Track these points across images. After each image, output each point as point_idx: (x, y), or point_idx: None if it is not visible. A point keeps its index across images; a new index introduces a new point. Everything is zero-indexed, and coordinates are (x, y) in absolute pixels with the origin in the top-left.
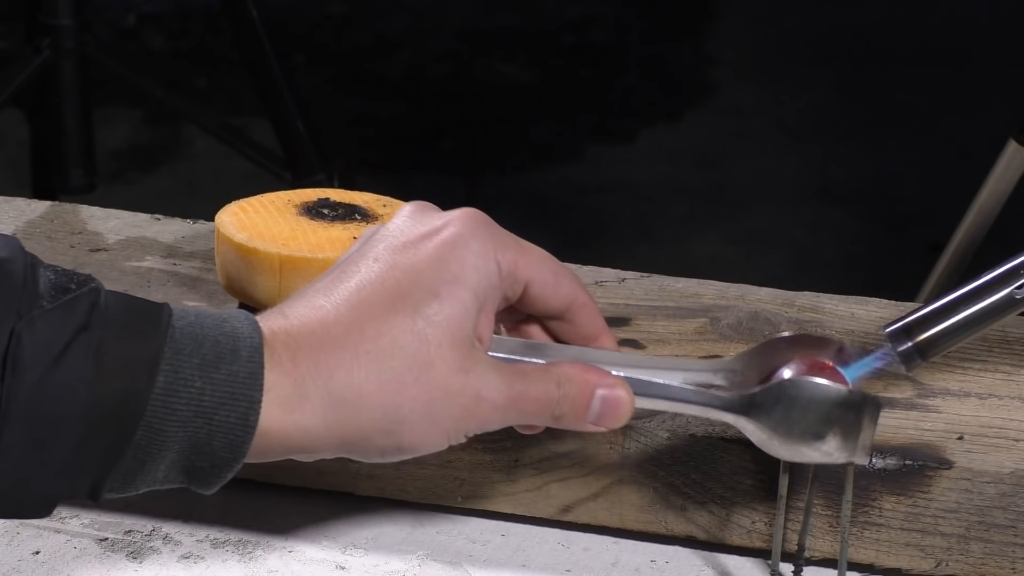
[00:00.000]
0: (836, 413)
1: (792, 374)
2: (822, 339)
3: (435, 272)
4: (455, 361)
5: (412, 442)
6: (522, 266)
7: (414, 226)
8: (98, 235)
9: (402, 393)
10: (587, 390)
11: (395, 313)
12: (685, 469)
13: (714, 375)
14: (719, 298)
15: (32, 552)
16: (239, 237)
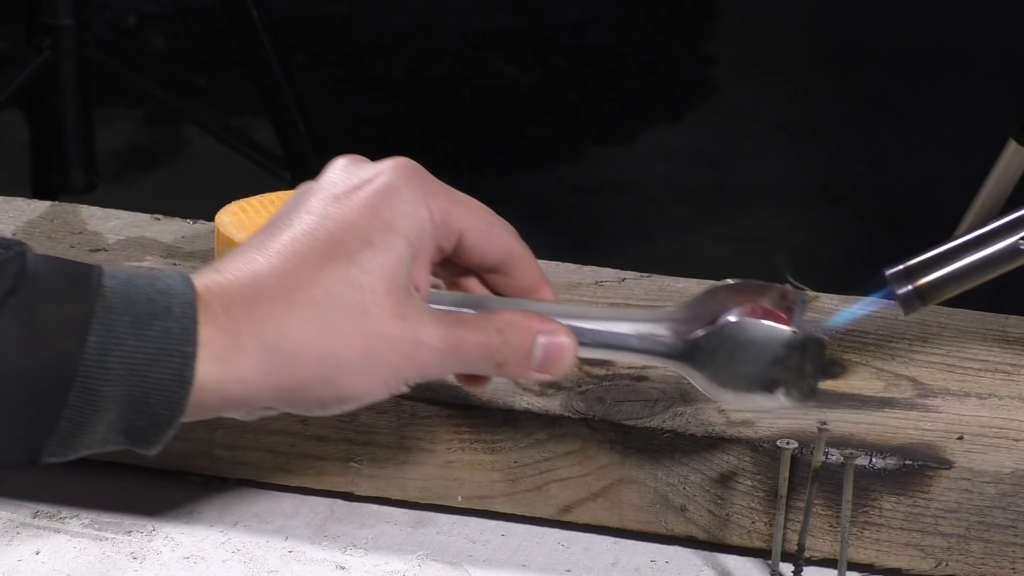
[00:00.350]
0: (780, 354)
1: (735, 318)
2: (764, 285)
3: (368, 221)
4: (391, 307)
5: (351, 391)
6: (455, 214)
7: (346, 178)
8: (98, 235)
9: (339, 341)
10: (528, 336)
11: (329, 262)
12: (685, 469)
13: (657, 324)
14: None
15: (33, 552)
16: (239, 237)
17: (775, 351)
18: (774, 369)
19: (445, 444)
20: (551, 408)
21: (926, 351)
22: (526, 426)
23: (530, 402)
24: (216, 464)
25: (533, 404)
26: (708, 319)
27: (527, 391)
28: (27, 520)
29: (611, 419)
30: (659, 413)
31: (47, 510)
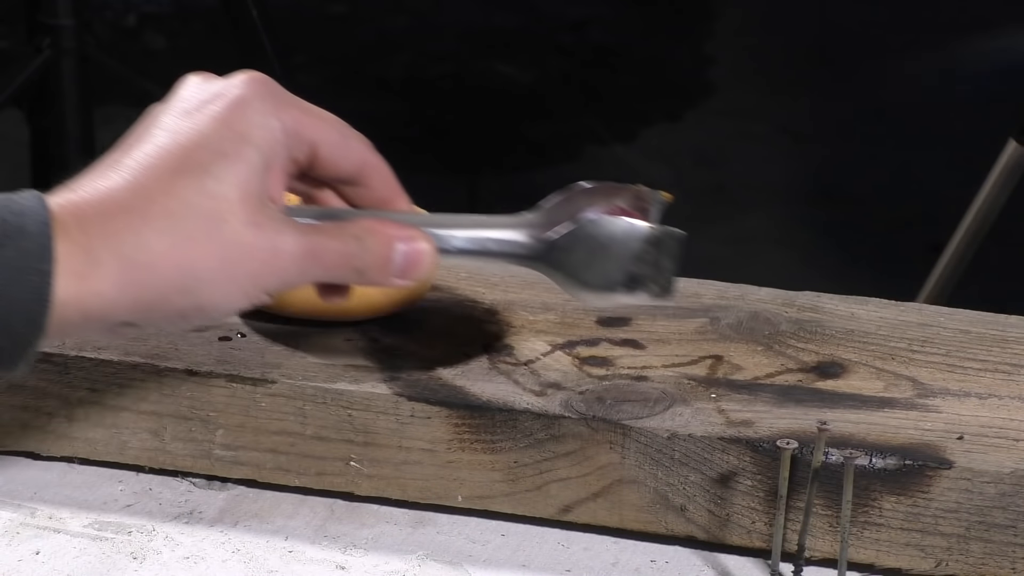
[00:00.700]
0: (637, 250)
1: (593, 216)
2: (620, 186)
3: (220, 133)
4: (247, 216)
5: (211, 301)
6: (307, 125)
7: (197, 93)
8: None
9: (196, 251)
10: (387, 242)
11: (183, 175)
12: (685, 469)
13: (517, 229)
14: (719, 298)
15: (33, 552)
16: None
17: (632, 247)
18: (632, 265)
19: (445, 444)
20: (551, 408)
21: (926, 351)
22: (526, 426)
23: (530, 402)
24: (216, 464)
25: (533, 404)
26: (566, 220)
27: (527, 391)
28: (27, 520)
29: (611, 419)
30: (659, 413)
31: (47, 510)
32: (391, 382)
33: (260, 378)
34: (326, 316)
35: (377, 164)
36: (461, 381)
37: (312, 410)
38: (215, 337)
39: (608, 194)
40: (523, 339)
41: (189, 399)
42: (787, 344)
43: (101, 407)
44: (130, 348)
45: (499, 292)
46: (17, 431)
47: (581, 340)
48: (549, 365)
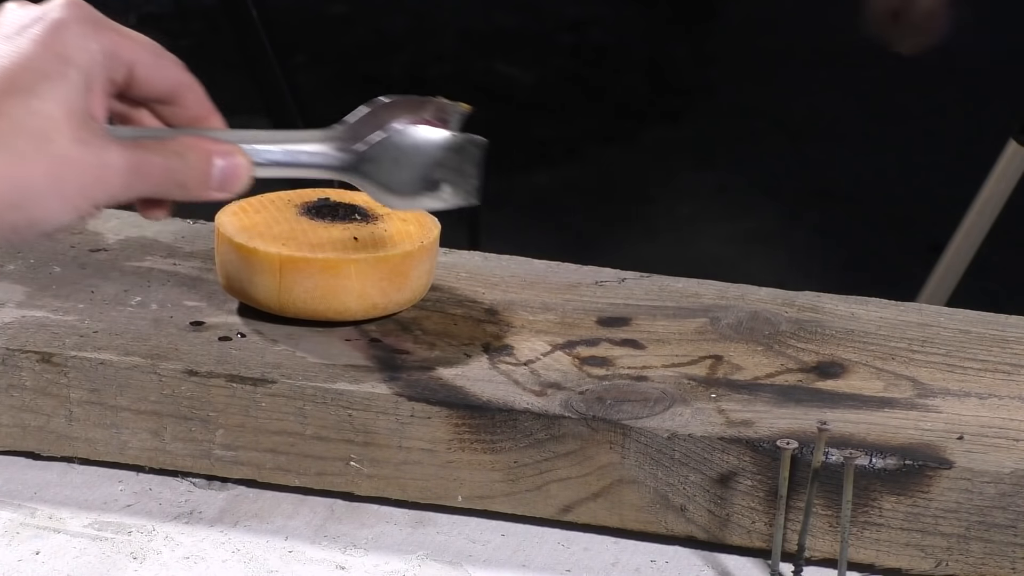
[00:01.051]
0: (441, 156)
1: (399, 126)
2: (422, 100)
3: (41, 55)
4: (73, 133)
5: (42, 215)
6: (124, 47)
7: (16, 19)
8: (98, 235)
9: (24, 167)
10: (206, 157)
11: (9, 96)
12: (685, 470)
13: (326, 143)
14: (719, 298)
15: (32, 552)
16: (239, 237)
17: (435, 154)
18: (436, 171)
19: (445, 444)
20: (551, 408)
21: (926, 351)
22: (526, 426)
23: (530, 402)
24: (216, 464)
25: (533, 404)
26: (372, 132)
27: (527, 391)
28: (27, 520)
29: (611, 419)
30: (659, 413)
31: (47, 510)
32: (391, 382)
33: (260, 378)
34: (326, 316)
35: (191, 83)
36: (461, 381)
37: (312, 410)
38: (215, 337)
39: (411, 107)
40: (523, 339)
41: (189, 399)
42: (787, 344)
43: (101, 407)
44: (130, 348)
45: (499, 292)
46: (17, 431)
47: (581, 340)
48: (549, 365)
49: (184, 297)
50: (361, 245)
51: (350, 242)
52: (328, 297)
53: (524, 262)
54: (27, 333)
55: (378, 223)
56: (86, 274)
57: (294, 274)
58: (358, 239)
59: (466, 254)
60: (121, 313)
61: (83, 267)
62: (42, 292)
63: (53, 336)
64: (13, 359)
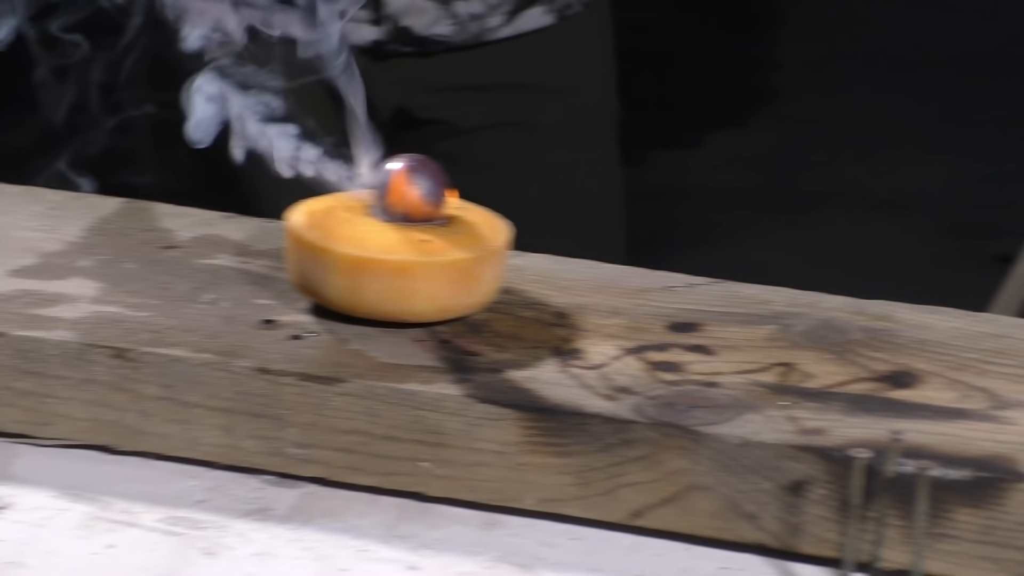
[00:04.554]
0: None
1: None
2: None
3: None
4: None
5: None
6: None
7: None
8: (170, 232)
9: None
10: None
11: None
12: (756, 477)
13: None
14: (790, 305)
15: (106, 546)
16: (310, 236)
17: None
18: None
19: (516, 447)
20: (621, 413)
21: (1001, 362)
22: (596, 430)
23: (600, 406)
24: (288, 462)
25: (604, 409)
26: None
27: (597, 395)
28: (102, 514)
29: (681, 424)
30: (730, 419)
31: (121, 504)
32: (461, 383)
33: (331, 377)
34: (396, 318)
35: None
36: (531, 384)
37: (383, 410)
38: (286, 336)
39: None
40: (593, 343)
41: (260, 397)
42: (858, 353)
43: (173, 403)
44: (202, 345)
45: (569, 295)
46: (91, 426)
47: (651, 345)
48: (619, 369)
49: (255, 295)
50: (432, 248)
51: (421, 244)
52: (398, 299)
53: (593, 266)
54: (101, 328)
55: (449, 226)
56: (159, 271)
57: (365, 275)
58: (429, 242)
59: (535, 257)
60: (193, 310)
61: (156, 264)
62: (116, 288)
63: (126, 332)
64: (87, 354)
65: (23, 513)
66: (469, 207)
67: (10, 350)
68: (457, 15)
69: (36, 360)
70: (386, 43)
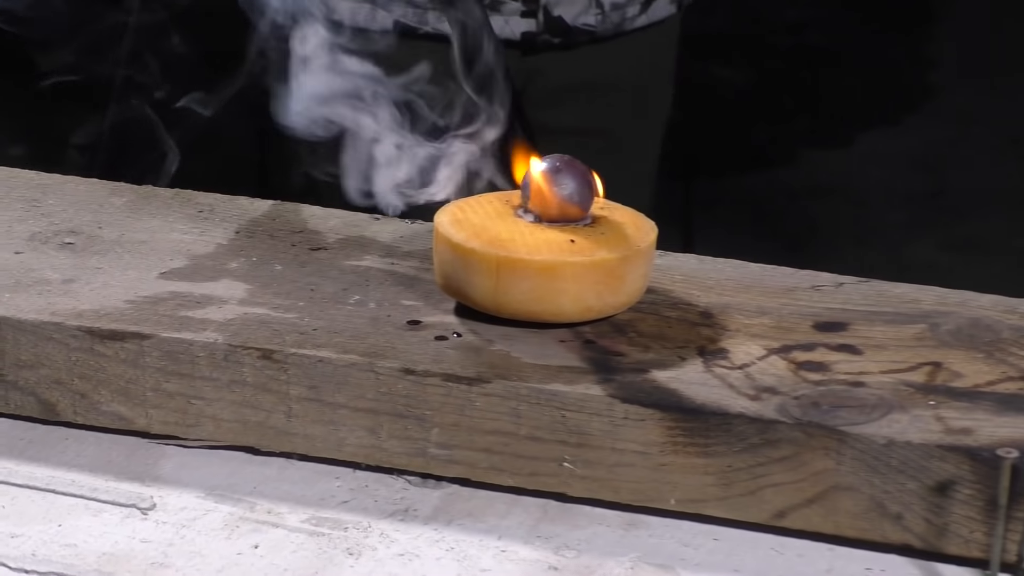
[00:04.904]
0: None
1: None
2: None
3: None
4: None
5: None
6: None
7: None
8: (318, 234)
9: None
10: None
11: None
12: (902, 477)
13: None
14: (939, 304)
15: (251, 545)
16: (457, 237)
17: None
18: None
19: (658, 447)
20: (765, 413)
21: None
22: (740, 430)
23: (744, 406)
24: (431, 463)
25: (748, 408)
26: None
27: (741, 395)
28: (247, 514)
29: (826, 424)
30: (876, 419)
31: (266, 505)
32: (605, 384)
33: (475, 378)
34: (541, 318)
35: None
36: (675, 384)
37: (526, 410)
38: (431, 336)
39: None
40: (738, 343)
41: (405, 398)
42: (1009, 352)
43: (319, 404)
44: (348, 346)
45: (714, 295)
46: (238, 427)
47: (797, 345)
48: (764, 369)
49: (401, 296)
50: (578, 248)
51: (567, 244)
52: (544, 299)
53: (739, 265)
54: (249, 330)
55: (595, 226)
56: (306, 272)
57: (511, 276)
58: (575, 242)
59: (681, 257)
60: (340, 311)
61: (303, 265)
62: (263, 290)
63: (274, 333)
64: (235, 355)
65: (169, 514)
66: (615, 207)
67: (159, 352)
68: (602, 4)
69: (184, 362)
70: (538, 35)
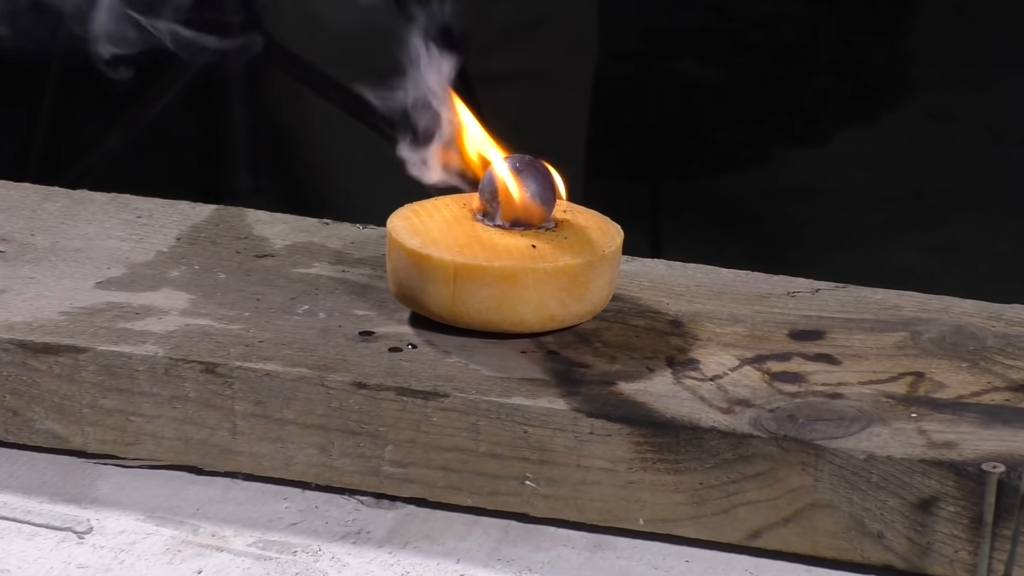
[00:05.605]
0: None
1: None
2: None
3: None
4: None
5: None
6: None
7: None
8: (264, 240)
9: None
10: None
11: None
12: (882, 494)
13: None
14: (920, 310)
15: (195, 571)
16: (411, 243)
17: None
18: None
19: (626, 464)
20: (739, 426)
21: None
22: (712, 445)
23: (716, 420)
24: (385, 482)
25: (720, 422)
26: None
27: (713, 408)
28: (189, 537)
29: (803, 439)
30: (855, 433)
31: (209, 527)
32: (569, 397)
33: (432, 392)
34: (501, 328)
35: None
36: (643, 397)
37: (486, 426)
38: (385, 348)
39: None
40: (709, 352)
41: (357, 413)
42: (994, 361)
43: (266, 421)
44: (296, 359)
45: (684, 303)
46: (179, 445)
47: (771, 354)
48: (737, 381)
49: (353, 306)
50: (540, 254)
51: (528, 250)
52: (504, 308)
53: (711, 271)
54: (191, 342)
55: (558, 230)
56: (252, 281)
57: (469, 283)
58: (537, 247)
59: (649, 262)
60: (287, 322)
61: (249, 274)
62: (206, 299)
63: (217, 345)
64: (176, 369)
65: (107, 538)
66: (579, 210)
67: (96, 366)
68: None
69: (123, 377)
70: None
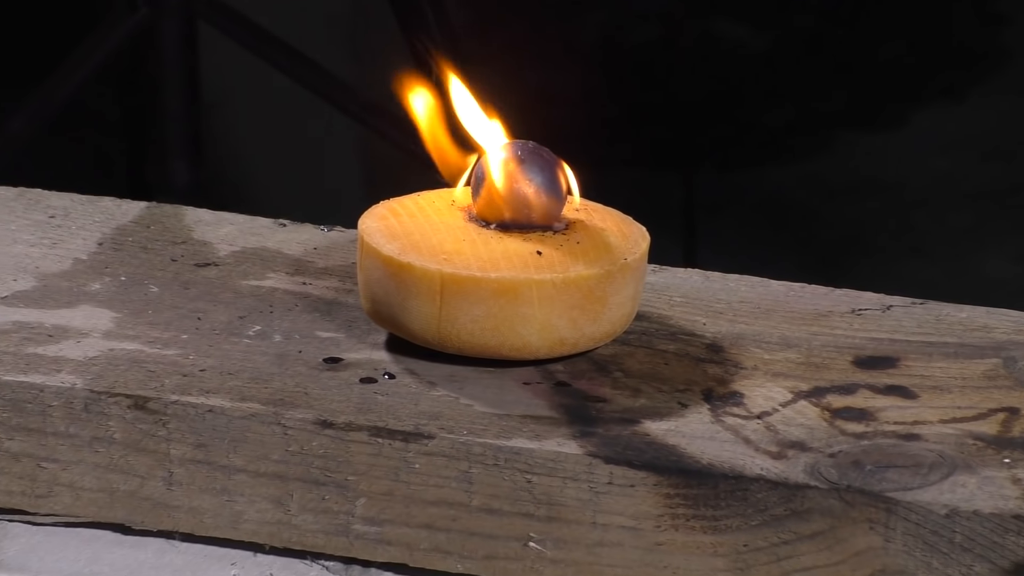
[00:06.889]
0: None
1: None
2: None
3: None
4: None
5: None
6: None
7: None
8: (207, 245)
9: None
10: None
11: None
12: (968, 557)
13: None
14: (1015, 332)
15: None
16: (389, 249)
17: None
18: None
19: (653, 521)
20: (792, 475)
21: None
22: (759, 498)
23: (764, 467)
24: (356, 543)
25: (769, 469)
26: None
27: (760, 452)
28: None
29: (871, 490)
30: (935, 483)
31: None
32: (582, 439)
33: (413, 432)
34: (499, 353)
35: None
36: (674, 439)
37: (480, 474)
38: (355, 378)
39: None
40: (756, 384)
41: (322, 458)
42: None
43: (209, 468)
44: (246, 392)
45: (725, 322)
46: (103, 497)
47: (832, 386)
48: (790, 419)
49: (316, 326)
50: (546, 262)
51: (532, 258)
52: (502, 329)
53: (757, 283)
54: (116, 371)
55: (569, 233)
56: (191, 296)
57: (459, 298)
58: (542, 254)
59: (682, 272)
60: (236, 346)
61: (187, 287)
62: (135, 318)
63: (149, 375)
64: (98, 404)
65: None
66: (595, 208)
67: (0, 400)
68: None
69: (33, 414)
70: None
